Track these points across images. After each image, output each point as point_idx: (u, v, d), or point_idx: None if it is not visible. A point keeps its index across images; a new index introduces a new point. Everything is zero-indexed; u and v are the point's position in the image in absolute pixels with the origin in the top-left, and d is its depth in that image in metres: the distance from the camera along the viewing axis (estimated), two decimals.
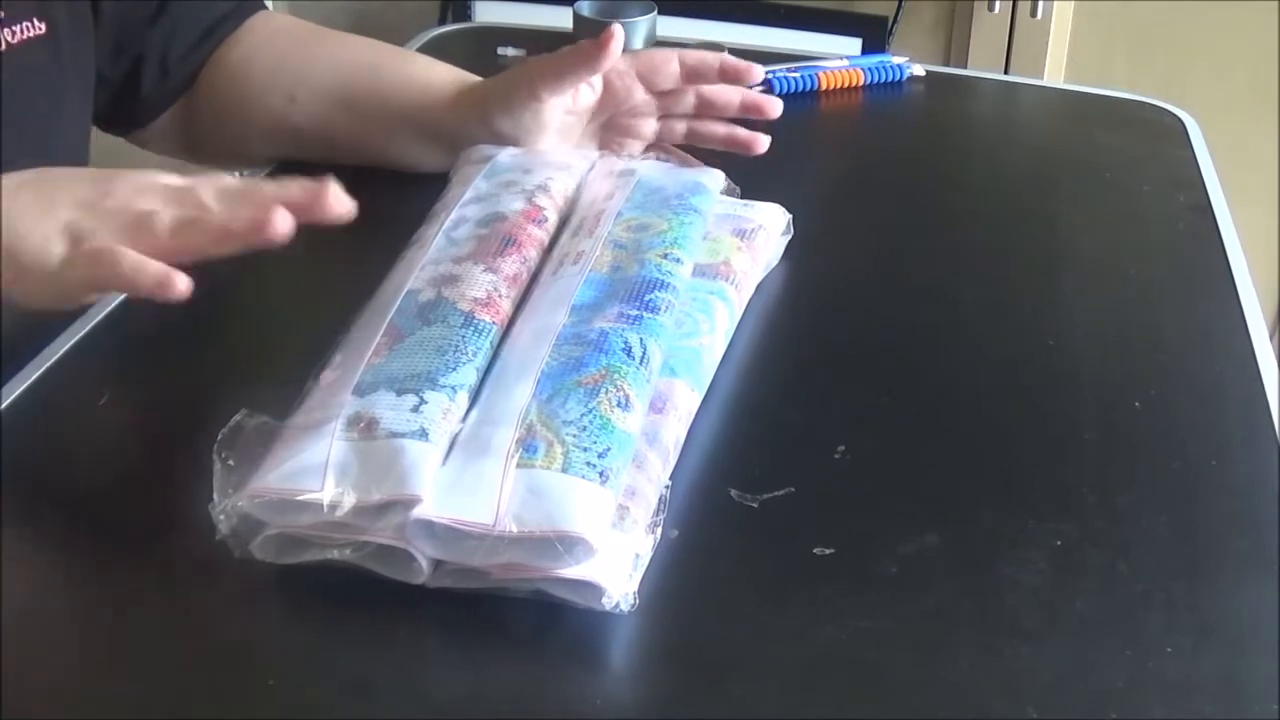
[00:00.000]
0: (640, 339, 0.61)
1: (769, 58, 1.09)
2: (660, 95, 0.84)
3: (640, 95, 0.84)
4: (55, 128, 0.84)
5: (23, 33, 0.79)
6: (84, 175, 0.68)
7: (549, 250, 0.70)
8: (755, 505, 0.60)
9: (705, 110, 0.85)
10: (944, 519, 0.60)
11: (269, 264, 0.62)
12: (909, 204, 0.90)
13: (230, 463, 0.56)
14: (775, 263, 0.78)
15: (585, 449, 0.55)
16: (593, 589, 0.53)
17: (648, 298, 0.64)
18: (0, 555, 0.55)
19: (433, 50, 1.10)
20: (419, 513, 0.53)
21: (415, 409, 0.56)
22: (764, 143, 0.84)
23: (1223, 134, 1.05)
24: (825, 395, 0.69)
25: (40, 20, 0.80)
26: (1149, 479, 0.63)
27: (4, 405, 0.66)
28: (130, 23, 0.88)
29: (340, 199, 0.62)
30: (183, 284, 0.61)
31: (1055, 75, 1.81)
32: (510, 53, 1.10)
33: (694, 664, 0.53)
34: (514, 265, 0.67)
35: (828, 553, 0.58)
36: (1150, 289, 0.80)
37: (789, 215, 0.78)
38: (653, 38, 1.10)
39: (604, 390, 0.58)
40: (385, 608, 0.55)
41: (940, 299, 0.78)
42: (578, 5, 1.10)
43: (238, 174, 0.94)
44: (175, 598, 0.56)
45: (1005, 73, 1.79)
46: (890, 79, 1.07)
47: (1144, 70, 1.78)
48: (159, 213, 0.63)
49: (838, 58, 1.09)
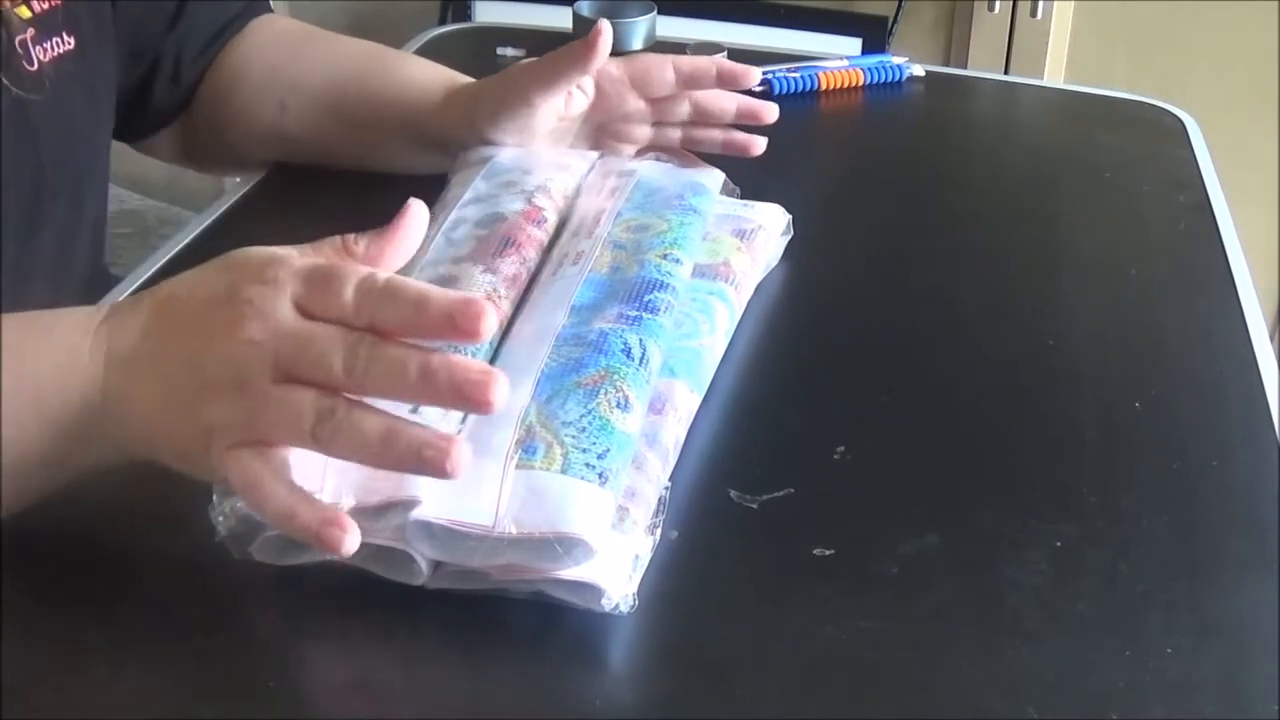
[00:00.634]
0: (640, 340, 0.61)
1: (769, 58, 1.09)
2: (654, 102, 0.83)
3: (633, 102, 0.83)
4: (87, 143, 0.84)
5: (54, 49, 0.78)
6: (198, 316, 0.52)
7: (548, 251, 0.70)
8: (755, 506, 0.60)
9: (701, 117, 0.84)
10: (944, 519, 0.60)
11: None
12: (909, 204, 0.90)
13: None
14: (775, 263, 0.78)
15: (585, 450, 0.55)
16: (592, 590, 0.53)
17: (647, 298, 0.64)
18: (0, 557, 0.55)
19: (433, 50, 1.10)
20: (418, 514, 0.53)
21: (414, 410, 0.56)
22: (761, 145, 0.84)
23: (1223, 134, 1.05)
24: (825, 396, 0.69)
25: (70, 35, 0.79)
26: (1149, 479, 0.63)
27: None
28: (147, 29, 0.87)
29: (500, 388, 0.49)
30: (354, 542, 0.49)
31: (1055, 75, 1.81)
32: (510, 53, 1.10)
33: (694, 664, 0.53)
34: (513, 266, 0.67)
35: (828, 553, 0.58)
36: (1150, 289, 0.80)
37: (789, 216, 0.78)
38: (652, 38, 1.10)
39: (603, 391, 0.58)
40: (385, 609, 0.55)
41: (940, 299, 0.78)
42: (577, 5, 1.10)
43: (238, 177, 0.94)
44: (175, 599, 0.56)
45: (1005, 73, 1.79)
46: (890, 79, 1.07)
47: (1144, 70, 1.78)
48: (301, 412, 0.50)
49: (837, 58, 1.09)
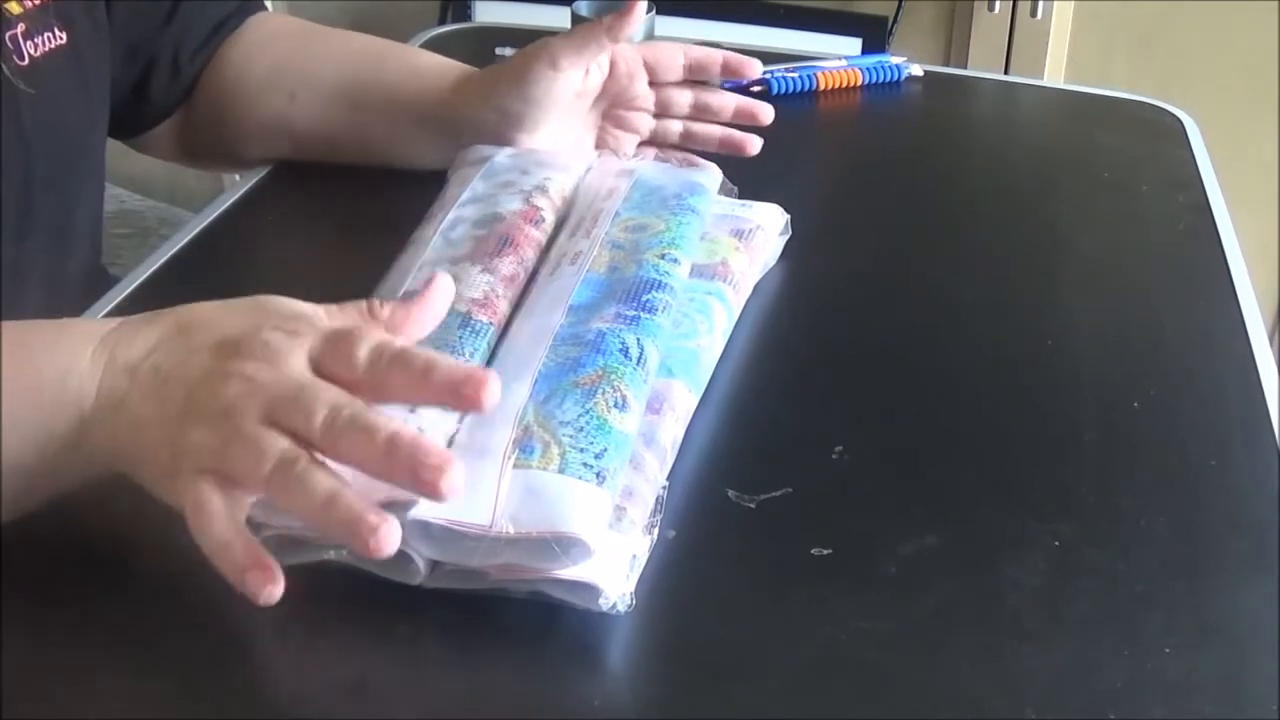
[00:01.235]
0: (638, 339, 0.61)
1: (769, 58, 1.09)
2: (659, 91, 0.85)
3: (642, 86, 0.85)
4: (80, 140, 0.83)
5: (45, 44, 0.78)
6: (209, 342, 0.53)
7: (546, 251, 0.70)
8: (753, 506, 0.60)
9: (701, 112, 0.86)
10: (943, 519, 0.60)
11: (268, 266, 0.62)
12: (907, 204, 0.90)
13: None
14: (773, 263, 0.78)
15: (582, 450, 0.55)
16: (590, 590, 0.53)
17: (645, 298, 0.64)
18: (0, 557, 0.55)
19: (432, 50, 1.10)
20: (416, 514, 0.53)
21: (412, 410, 0.56)
22: (756, 144, 0.85)
23: (1222, 134, 1.05)
24: (823, 395, 0.69)
25: (62, 30, 0.79)
26: (1149, 479, 0.63)
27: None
28: (144, 25, 0.87)
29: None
30: (275, 594, 0.49)
31: (1055, 75, 1.81)
32: (509, 53, 1.10)
33: (692, 665, 0.53)
34: (511, 266, 0.67)
35: (826, 553, 0.58)
36: (1149, 289, 0.80)
37: (787, 215, 0.78)
38: (650, 37, 1.09)
39: (601, 391, 0.58)
40: (383, 608, 0.54)
41: (939, 299, 0.78)
42: (576, 5, 1.10)
43: (238, 176, 0.94)
44: (171, 598, 0.56)
45: (1005, 73, 1.79)
46: (888, 79, 1.07)
47: (1144, 70, 1.78)
48: (264, 453, 0.50)
49: (836, 58, 1.09)
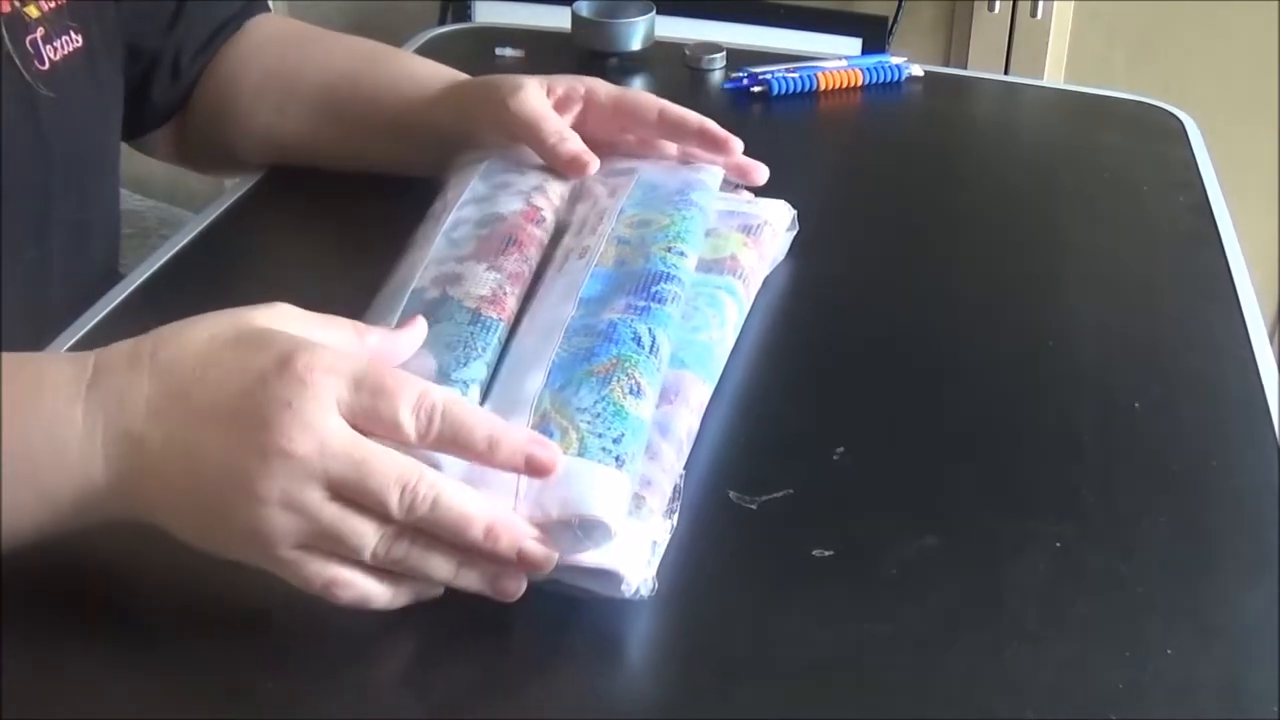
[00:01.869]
0: (649, 329, 0.62)
1: (768, 58, 1.09)
2: (638, 143, 0.81)
3: (616, 133, 0.81)
4: (97, 140, 0.83)
5: (63, 47, 0.77)
6: (217, 403, 0.52)
7: (550, 250, 0.70)
8: (754, 507, 0.60)
9: (689, 161, 0.80)
10: (944, 521, 0.60)
11: (267, 267, 0.62)
12: (907, 205, 0.90)
13: None
14: (781, 258, 0.78)
15: (600, 435, 0.56)
16: (611, 577, 0.53)
17: (654, 289, 0.64)
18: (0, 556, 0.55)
19: (432, 50, 1.10)
20: None
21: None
22: (763, 173, 0.80)
23: (1223, 134, 1.05)
24: (824, 396, 0.69)
25: (77, 33, 0.79)
26: (1149, 480, 0.63)
27: None
28: (148, 27, 0.87)
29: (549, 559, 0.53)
30: (439, 592, 0.54)
31: (1055, 75, 1.81)
32: (509, 53, 1.10)
33: (692, 666, 0.53)
34: (516, 264, 0.67)
35: (827, 555, 0.58)
36: (1150, 290, 0.80)
37: (794, 211, 0.78)
38: (651, 38, 1.10)
39: (615, 378, 0.58)
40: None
41: (939, 300, 0.78)
42: (577, 5, 1.10)
43: (235, 178, 0.94)
44: (192, 585, 0.56)
45: (1005, 73, 1.79)
46: (889, 79, 1.07)
47: (1144, 70, 1.78)
48: (360, 535, 0.52)
49: (837, 58, 1.09)
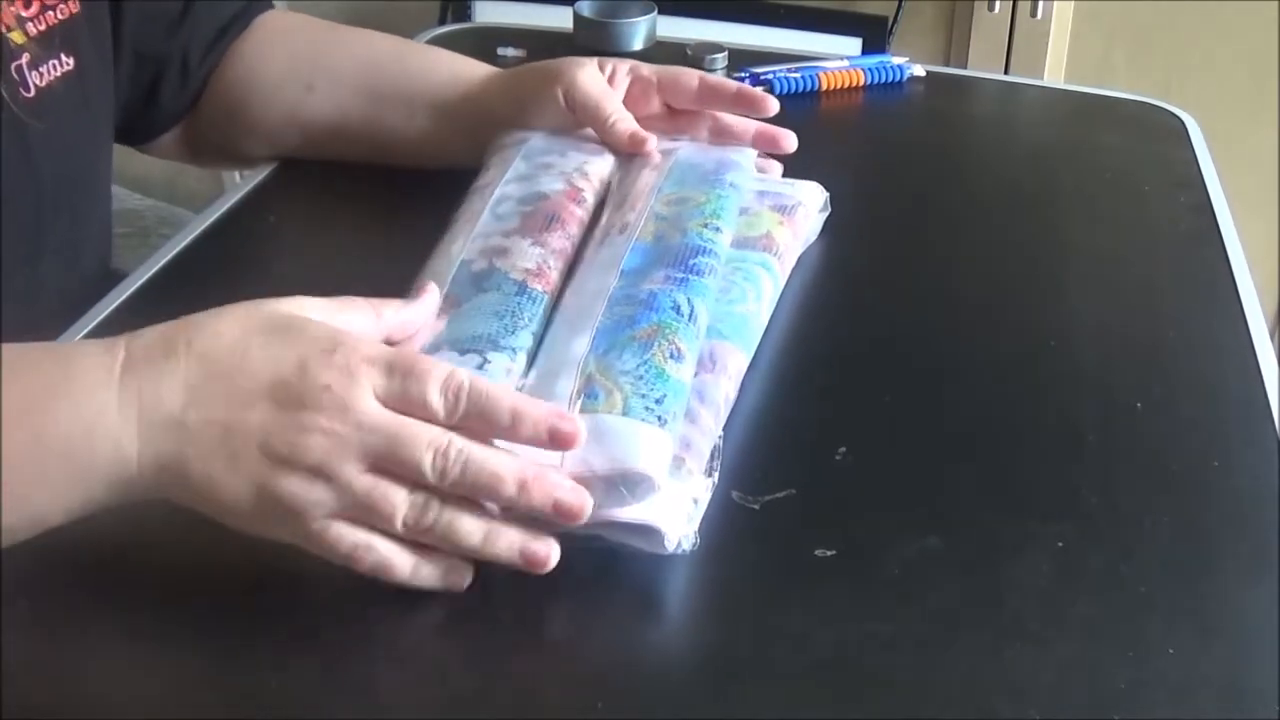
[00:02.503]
0: (688, 298, 0.64)
1: (769, 58, 1.09)
2: (676, 115, 0.84)
3: (656, 105, 0.84)
4: (88, 163, 0.83)
5: (51, 72, 0.76)
6: (256, 390, 0.53)
7: (589, 229, 0.73)
8: (756, 507, 0.60)
9: (721, 138, 0.84)
10: (946, 521, 0.60)
11: (270, 266, 0.62)
12: (909, 205, 0.90)
13: None
14: (813, 238, 0.80)
15: (643, 395, 0.58)
16: (653, 533, 0.55)
17: (692, 262, 0.67)
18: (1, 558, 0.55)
19: None
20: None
21: (480, 368, 0.59)
22: (791, 140, 0.83)
23: (1223, 134, 1.05)
24: (826, 397, 0.69)
25: (69, 56, 0.78)
26: (1150, 480, 0.63)
27: None
28: (152, 32, 0.87)
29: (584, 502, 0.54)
30: (468, 577, 0.55)
31: (1055, 75, 1.81)
32: (510, 53, 1.10)
33: (694, 666, 0.53)
34: (559, 240, 0.70)
35: (829, 554, 0.58)
36: (1151, 290, 0.80)
37: (826, 193, 0.80)
38: (652, 38, 1.10)
39: (657, 344, 0.61)
40: None
41: (940, 300, 0.78)
42: (578, 5, 1.10)
43: (239, 176, 0.94)
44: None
45: (1005, 73, 1.78)
46: (890, 79, 1.07)
47: (1144, 70, 1.78)
48: (391, 503, 0.53)
49: (838, 58, 1.09)
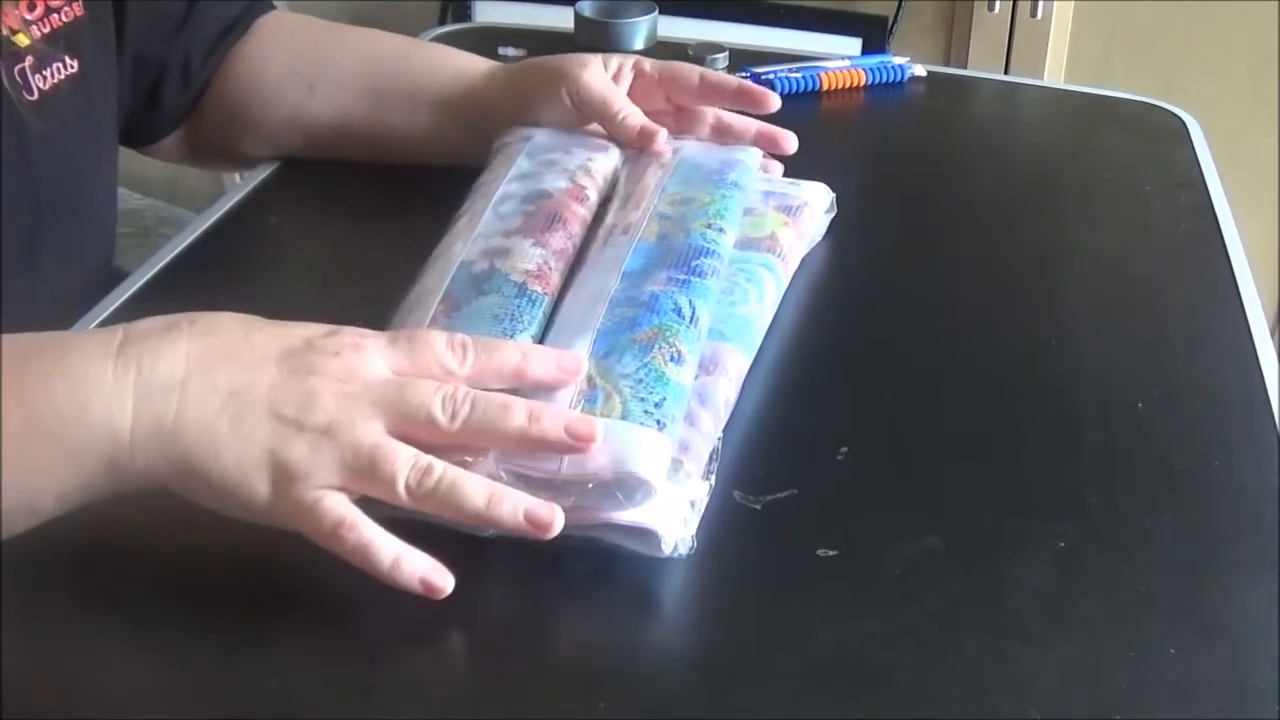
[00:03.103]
0: (689, 300, 0.64)
1: (770, 58, 1.09)
2: (679, 111, 0.85)
3: (660, 101, 0.84)
4: (90, 167, 0.83)
5: (54, 75, 0.76)
6: (265, 354, 0.54)
7: (592, 227, 0.73)
8: (758, 507, 0.60)
9: (721, 136, 0.85)
10: (947, 521, 0.60)
11: (272, 266, 0.62)
12: (910, 205, 0.90)
13: None
14: (818, 239, 0.80)
15: (643, 399, 0.58)
16: (650, 535, 0.55)
17: (694, 263, 0.67)
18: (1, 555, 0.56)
19: None
20: (486, 463, 0.55)
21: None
22: (792, 141, 0.83)
23: (1223, 134, 1.05)
24: (827, 396, 0.69)
25: (72, 58, 0.77)
26: (1151, 480, 0.63)
27: None
28: (153, 35, 0.87)
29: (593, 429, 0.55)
30: (450, 585, 0.53)
31: (1055, 75, 1.81)
32: (511, 53, 1.10)
33: (695, 666, 0.53)
34: (560, 240, 0.69)
35: (831, 554, 0.58)
36: (1152, 289, 0.80)
37: (833, 194, 0.80)
38: (653, 38, 1.10)
39: (657, 346, 0.61)
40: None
41: (941, 300, 0.78)
42: (578, 5, 1.10)
43: (239, 176, 0.94)
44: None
45: (1005, 73, 1.79)
46: (892, 79, 1.07)
47: (1144, 70, 1.78)
48: (393, 462, 0.53)
49: (839, 58, 1.09)
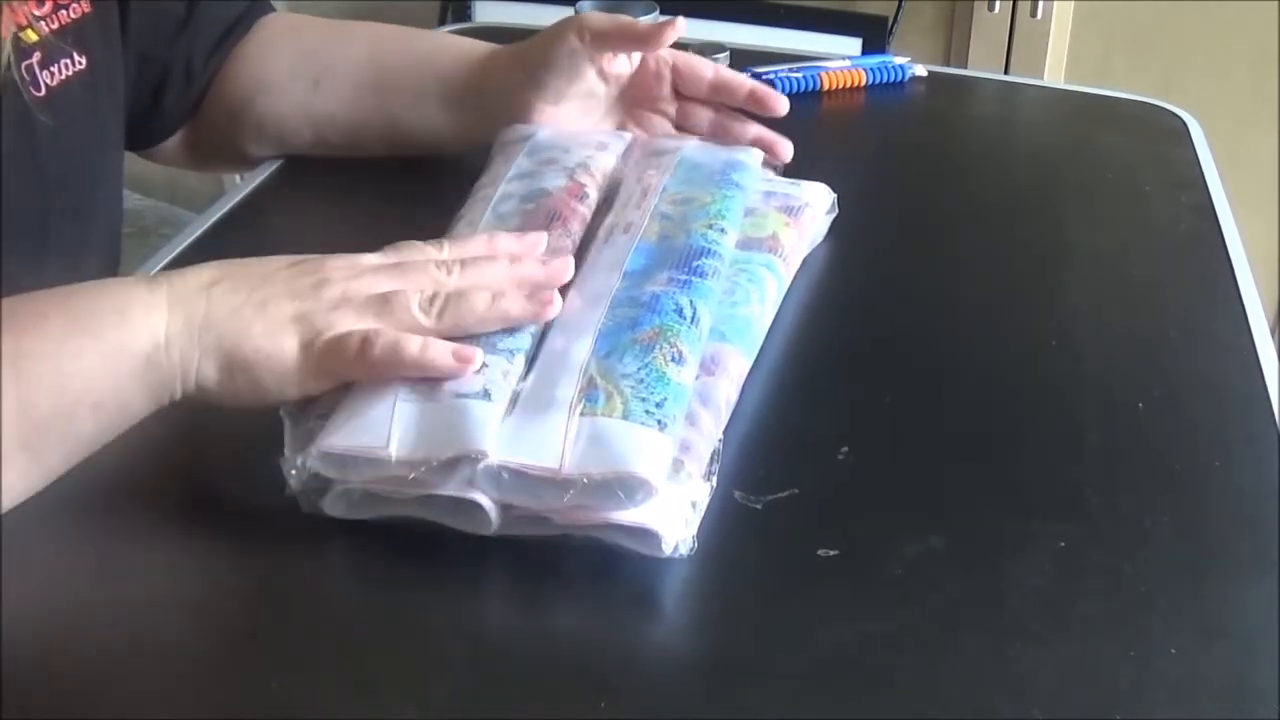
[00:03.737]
0: (690, 301, 0.64)
1: (770, 58, 1.09)
2: (683, 102, 0.85)
3: (668, 90, 0.84)
4: (97, 164, 0.82)
5: (62, 71, 0.76)
6: (277, 265, 0.61)
7: (592, 225, 0.73)
8: (759, 506, 0.60)
9: (718, 133, 0.85)
10: (948, 521, 0.60)
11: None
12: (910, 205, 0.90)
13: (300, 420, 0.59)
14: (820, 240, 0.80)
15: (644, 399, 0.58)
16: (651, 536, 0.55)
17: (695, 264, 0.67)
18: (1, 542, 0.56)
19: None
20: (488, 462, 0.55)
21: (477, 371, 0.59)
22: (788, 148, 0.84)
23: (1223, 134, 1.05)
24: (828, 396, 0.69)
25: (81, 55, 0.77)
26: (1152, 480, 0.63)
27: None
28: (157, 34, 0.86)
29: (569, 266, 0.64)
30: (479, 358, 0.59)
31: (1055, 75, 1.81)
32: None
33: (696, 666, 0.53)
34: (559, 239, 0.70)
35: (832, 554, 0.58)
36: (1152, 289, 0.80)
37: (834, 195, 0.80)
38: None
39: (658, 347, 0.61)
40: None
41: (942, 299, 0.78)
42: (579, 5, 1.10)
43: (239, 176, 0.94)
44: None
45: (1005, 73, 1.79)
46: (892, 79, 1.07)
47: (1144, 70, 1.78)
48: (403, 292, 0.60)
49: (839, 58, 1.09)
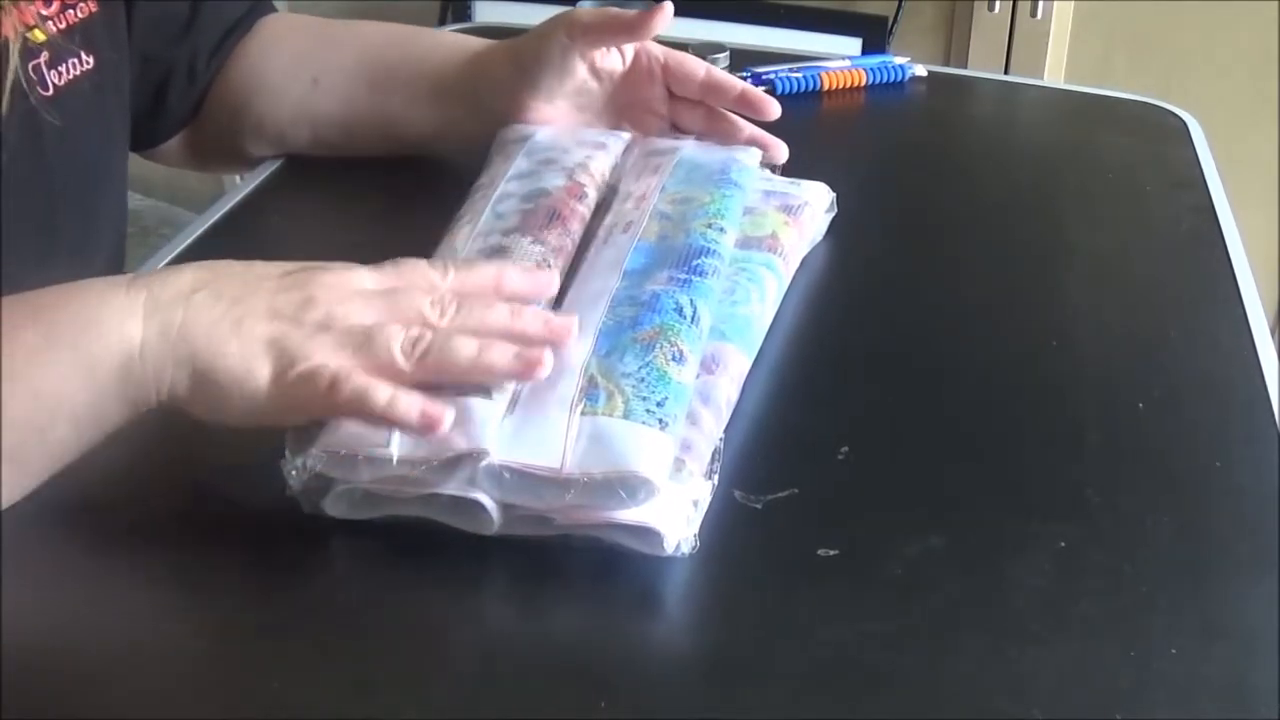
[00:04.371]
0: (690, 300, 0.64)
1: (770, 58, 1.09)
2: (675, 101, 0.85)
3: (660, 89, 0.84)
4: (103, 163, 0.83)
5: (69, 70, 0.76)
6: (265, 274, 0.58)
7: (591, 225, 0.73)
8: (759, 506, 0.60)
9: (710, 133, 0.84)
10: (948, 520, 0.60)
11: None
12: (911, 205, 0.90)
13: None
14: (819, 239, 0.80)
15: (644, 398, 0.58)
16: (652, 535, 0.55)
17: (695, 263, 0.67)
18: (1, 538, 0.56)
19: None
20: (489, 461, 0.55)
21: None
22: (782, 150, 0.83)
23: (1223, 134, 1.05)
24: (829, 396, 0.69)
25: (88, 54, 0.77)
26: (1152, 480, 0.63)
27: None
28: (161, 34, 0.87)
29: (572, 326, 0.60)
30: (449, 419, 0.55)
31: (1055, 75, 1.82)
32: None
33: (697, 665, 0.53)
34: (559, 238, 0.70)
35: (832, 554, 0.58)
36: (1153, 289, 0.80)
37: (833, 194, 0.80)
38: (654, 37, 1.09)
39: (659, 346, 0.61)
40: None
41: (942, 299, 0.78)
42: (578, 5, 1.10)
43: (239, 176, 0.94)
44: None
45: (1005, 73, 1.79)
46: (892, 79, 1.07)
47: (1144, 70, 1.78)
48: (388, 328, 0.57)
49: (839, 58, 1.09)
